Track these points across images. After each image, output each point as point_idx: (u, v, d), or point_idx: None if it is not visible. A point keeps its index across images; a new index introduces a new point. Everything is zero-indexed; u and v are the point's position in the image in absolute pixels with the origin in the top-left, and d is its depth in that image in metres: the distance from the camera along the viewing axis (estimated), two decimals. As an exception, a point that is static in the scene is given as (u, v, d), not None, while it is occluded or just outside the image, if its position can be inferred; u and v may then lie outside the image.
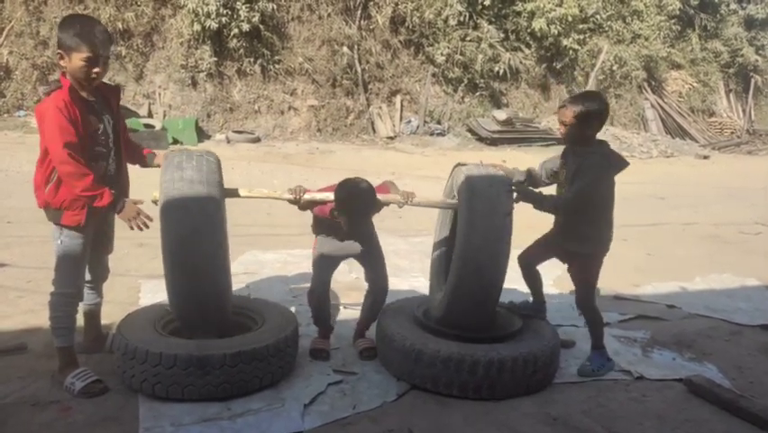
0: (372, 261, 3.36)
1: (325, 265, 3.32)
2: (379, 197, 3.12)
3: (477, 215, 2.93)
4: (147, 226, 2.84)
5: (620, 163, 3.19)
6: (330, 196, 3.07)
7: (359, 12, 14.11)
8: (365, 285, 3.45)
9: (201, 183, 2.75)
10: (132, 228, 2.83)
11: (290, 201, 3.09)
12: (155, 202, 2.88)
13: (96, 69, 2.70)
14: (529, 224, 3.47)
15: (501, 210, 2.95)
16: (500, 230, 2.93)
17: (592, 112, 3.10)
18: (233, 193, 3.07)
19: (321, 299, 3.31)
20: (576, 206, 3.13)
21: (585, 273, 3.32)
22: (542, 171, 3.42)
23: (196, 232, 2.71)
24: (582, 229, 3.20)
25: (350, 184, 3.06)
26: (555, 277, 4.57)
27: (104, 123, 2.86)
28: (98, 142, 2.83)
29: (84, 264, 2.94)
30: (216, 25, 12.26)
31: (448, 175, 3.40)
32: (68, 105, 2.65)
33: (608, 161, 3.14)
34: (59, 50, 2.68)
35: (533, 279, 3.52)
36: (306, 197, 3.08)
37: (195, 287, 2.81)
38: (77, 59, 2.65)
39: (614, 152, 3.25)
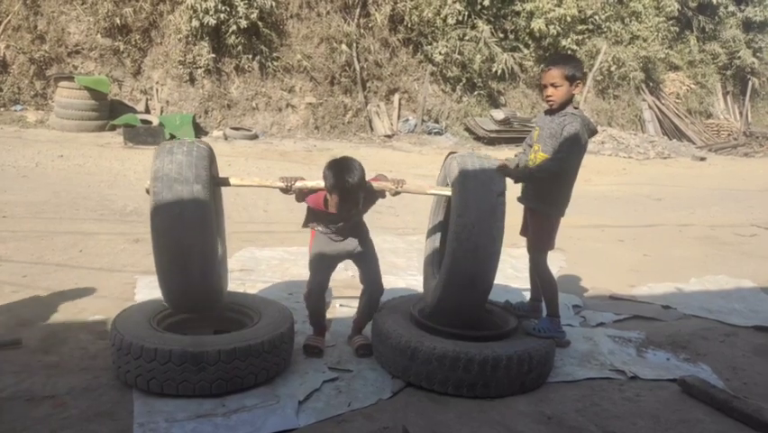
0: (367, 261, 3.35)
1: (323, 267, 3.30)
2: (372, 183, 3.13)
3: (470, 194, 2.95)
4: None
5: (594, 129, 3.37)
6: (322, 183, 3.07)
7: (358, 10, 14.09)
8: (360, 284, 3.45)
9: (190, 166, 2.78)
10: None
11: (282, 189, 3.10)
12: (148, 191, 2.90)
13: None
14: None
15: (494, 190, 2.98)
16: (494, 207, 2.95)
17: (577, 74, 3.24)
18: (224, 181, 3.09)
19: (317, 301, 3.32)
20: (561, 171, 3.22)
21: (539, 232, 3.41)
22: (518, 162, 3.50)
23: (183, 213, 2.73)
24: (548, 190, 3.32)
25: (339, 159, 3.09)
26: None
27: None
28: None
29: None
30: (215, 21, 12.23)
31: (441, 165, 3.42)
32: None
33: (587, 126, 3.27)
34: None
35: (535, 278, 3.57)
36: (298, 185, 3.09)
37: (182, 269, 2.82)
38: None
39: (587, 117, 3.38)
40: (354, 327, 3.44)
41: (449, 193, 3.13)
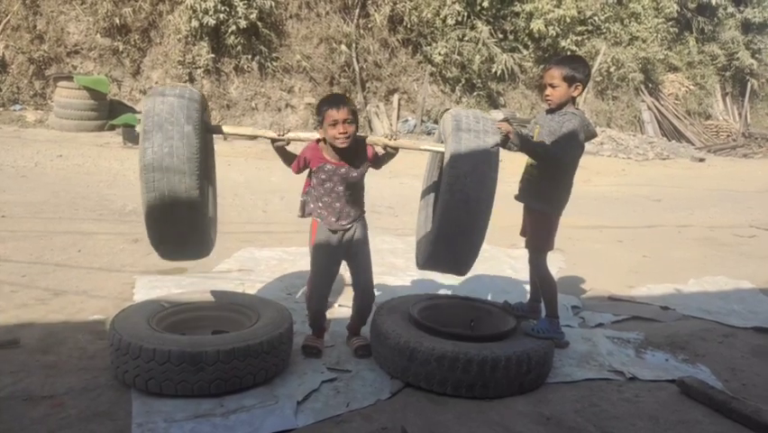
0: (361, 265, 3.31)
1: (324, 265, 3.25)
2: (367, 138, 3.13)
3: (464, 145, 2.89)
4: None
5: (593, 132, 3.37)
6: (314, 135, 3.07)
7: (357, 10, 14.09)
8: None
9: (182, 108, 2.74)
10: None
11: (273, 140, 3.08)
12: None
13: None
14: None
15: (488, 141, 2.91)
16: (488, 158, 2.88)
17: (577, 76, 3.24)
18: (217, 129, 3.09)
19: (319, 303, 3.30)
20: (559, 160, 3.22)
21: (538, 231, 3.41)
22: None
23: (173, 151, 2.67)
24: (546, 188, 3.33)
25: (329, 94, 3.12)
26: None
27: None
28: None
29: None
30: (214, 22, 12.23)
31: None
32: None
33: (585, 127, 3.27)
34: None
35: (534, 279, 3.58)
36: (290, 135, 3.08)
37: (170, 209, 2.74)
38: None
39: (587, 118, 3.38)
40: (350, 332, 3.44)
41: (443, 149, 3.05)
